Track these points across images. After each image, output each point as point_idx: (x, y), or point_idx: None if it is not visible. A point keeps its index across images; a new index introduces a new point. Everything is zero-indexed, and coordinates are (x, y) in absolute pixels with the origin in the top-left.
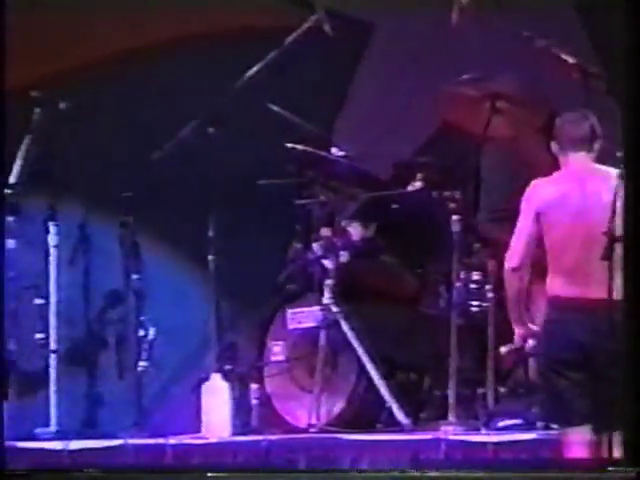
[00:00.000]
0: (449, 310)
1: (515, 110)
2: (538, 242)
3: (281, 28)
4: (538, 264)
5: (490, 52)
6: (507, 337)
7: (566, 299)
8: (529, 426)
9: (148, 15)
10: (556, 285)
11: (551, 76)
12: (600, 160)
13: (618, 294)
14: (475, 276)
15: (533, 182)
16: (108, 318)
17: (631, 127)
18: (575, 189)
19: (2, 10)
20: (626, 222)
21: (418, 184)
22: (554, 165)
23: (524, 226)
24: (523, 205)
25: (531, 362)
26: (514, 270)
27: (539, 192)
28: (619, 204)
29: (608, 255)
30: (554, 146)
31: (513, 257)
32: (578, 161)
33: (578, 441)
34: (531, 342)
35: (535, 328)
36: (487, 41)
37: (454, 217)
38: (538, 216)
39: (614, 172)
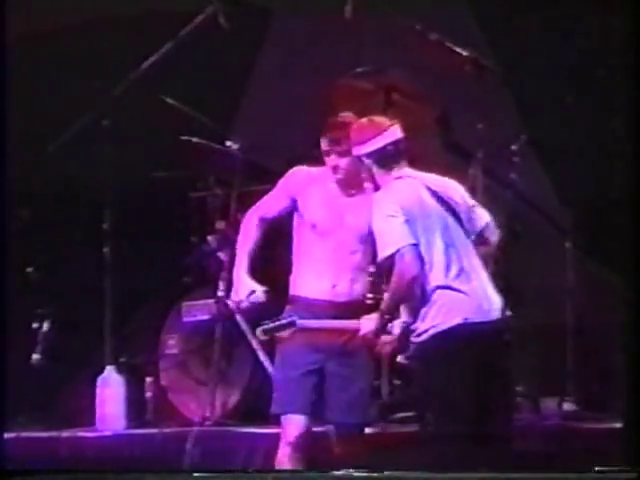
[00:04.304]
0: None
1: (409, 103)
2: None
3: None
4: None
5: (384, 45)
6: None
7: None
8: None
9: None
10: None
11: (445, 69)
12: (496, 152)
13: None
14: (370, 269)
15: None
16: None
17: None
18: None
19: None
20: (629, 221)
21: None
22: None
23: None
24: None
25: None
26: None
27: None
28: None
29: None
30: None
31: None
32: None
33: None
34: None
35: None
36: (381, 34)
37: None
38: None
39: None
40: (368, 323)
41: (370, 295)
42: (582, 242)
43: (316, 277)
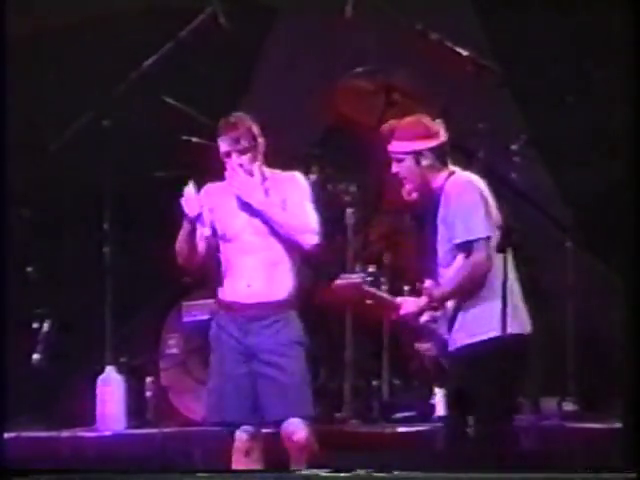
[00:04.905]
0: (344, 302)
1: (409, 102)
2: None
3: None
4: None
5: (385, 45)
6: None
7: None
8: (423, 418)
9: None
10: None
11: (445, 69)
12: (494, 152)
13: None
14: (370, 268)
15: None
16: None
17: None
18: None
19: None
20: (630, 221)
21: (312, 177)
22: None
23: None
24: None
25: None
26: None
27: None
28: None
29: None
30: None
31: None
32: None
33: None
34: None
35: None
36: (382, 33)
37: (349, 210)
38: None
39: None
40: (410, 304)
41: None
42: (583, 241)
43: (233, 280)
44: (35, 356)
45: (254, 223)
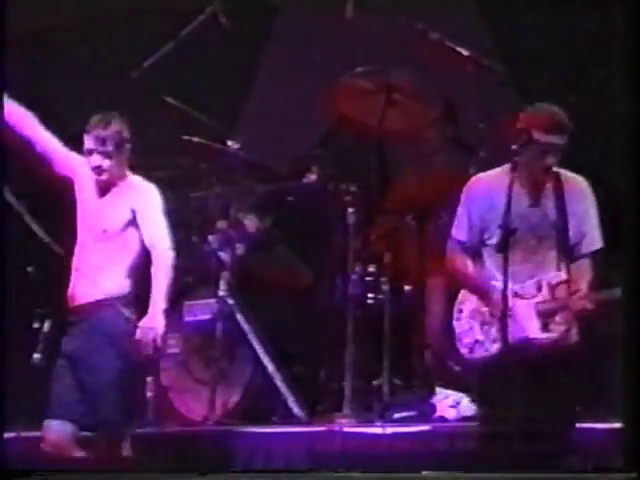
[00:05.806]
0: (345, 302)
1: (410, 102)
2: None
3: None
4: None
5: (385, 45)
6: (402, 329)
7: None
8: (424, 418)
9: None
10: None
11: (446, 68)
12: (494, 151)
13: None
14: (371, 268)
15: None
16: None
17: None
18: None
19: None
20: (629, 221)
21: (313, 177)
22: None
23: None
24: None
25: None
26: None
27: None
28: None
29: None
30: None
31: None
32: None
33: None
34: None
35: None
36: (383, 33)
37: (349, 210)
38: None
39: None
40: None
41: (370, 295)
42: None
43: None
44: (35, 356)
45: (94, 225)
